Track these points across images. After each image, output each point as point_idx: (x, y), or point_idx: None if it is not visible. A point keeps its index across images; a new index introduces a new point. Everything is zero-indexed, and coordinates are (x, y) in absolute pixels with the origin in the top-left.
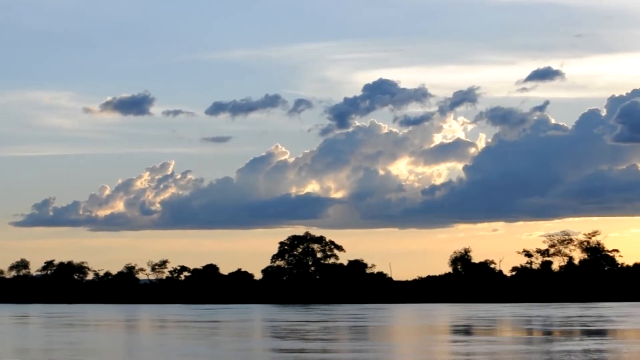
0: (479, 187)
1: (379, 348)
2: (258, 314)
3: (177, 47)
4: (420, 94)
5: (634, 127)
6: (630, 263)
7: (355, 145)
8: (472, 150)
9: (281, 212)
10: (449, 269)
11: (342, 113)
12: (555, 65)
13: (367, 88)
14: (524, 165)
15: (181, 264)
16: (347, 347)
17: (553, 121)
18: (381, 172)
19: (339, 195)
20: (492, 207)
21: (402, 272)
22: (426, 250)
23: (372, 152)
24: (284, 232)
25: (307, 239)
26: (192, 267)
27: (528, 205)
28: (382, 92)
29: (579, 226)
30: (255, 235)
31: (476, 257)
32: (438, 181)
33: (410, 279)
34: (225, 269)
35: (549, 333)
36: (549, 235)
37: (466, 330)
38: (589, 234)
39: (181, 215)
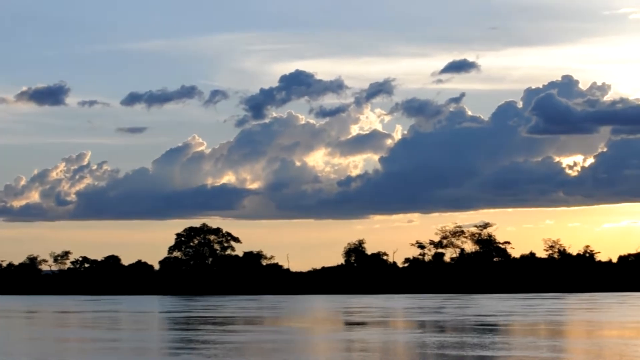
0: (394, 179)
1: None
2: (129, 305)
3: (93, 37)
4: (335, 86)
5: (549, 119)
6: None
7: (272, 137)
8: (389, 141)
9: (197, 203)
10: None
11: (257, 104)
12: (470, 58)
13: (284, 79)
14: (440, 156)
15: (83, 255)
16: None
17: (470, 113)
18: (297, 164)
19: (254, 186)
20: (407, 198)
21: (309, 263)
22: (340, 242)
23: (289, 143)
24: (198, 223)
25: (204, 230)
26: (98, 258)
27: (444, 197)
28: (298, 84)
29: (494, 217)
30: (171, 226)
31: (374, 248)
32: (354, 172)
33: (305, 270)
34: (129, 260)
35: (353, 324)
36: (441, 227)
37: (264, 321)
38: (480, 226)
39: (97, 206)
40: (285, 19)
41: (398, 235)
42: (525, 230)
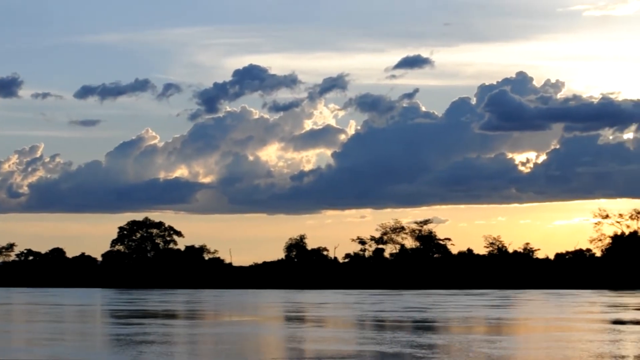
0: (347, 174)
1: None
2: (60, 297)
3: (47, 29)
4: (289, 80)
5: (502, 115)
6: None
7: (225, 131)
8: (342, 136)
9: (150, 197)
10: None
11: (210, 98)
12: (424, 54)
13: (237, 73)
14: (393, 152)
15: (29, 247)
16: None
17: (423, 109)
18: (250, 158)
19: (207, 180)
20: (360, 193)
21: (258, 257)
22: (291, 237)
23: (242, 137)
24: (150, 217)
25: (147, 224)
26: (44, 251)
27: (396, 192)
28: (251, 78)
29: (447, 213)
30: (123, 220)
31: (327, 244)
32: (307, 167)
33: (247, 264)
34: (74, 253)
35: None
36: (382, 224)
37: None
38: (421, 222)
39: (49, 198)
40: (240, 13)
41: (350, 231)
42: (477, 227)
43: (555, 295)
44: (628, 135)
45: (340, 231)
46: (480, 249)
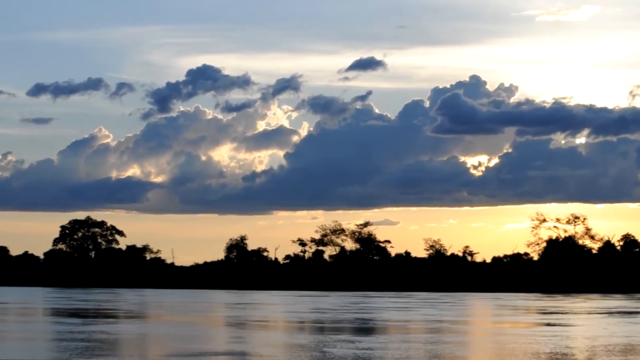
0: (299, 175)
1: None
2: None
3: None
4: (242, 81)
5: (455, 119)
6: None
7: (178, 131)
8: (295, 138)
9: (101, 196)
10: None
11: (163, 97)
12: (378, 56)
13: (190, 73)
14: (345, 154)
15: None
16: None
17: (376, 111)
18: (203, 158)
19: (159, 179)
20: (312, 195)
21: (204, 257)
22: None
23: (194, 137)
24: (102, 216)
25: (89, 223)
26: None
27: (348, 194)
28: (205, 78)
29: (398, 216)
30: (73, 218)
31: (266, 245)
32: (259, 168)
33: (188, 264)
34: (19, 251)
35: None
36: (321, 225)
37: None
38: (361, 224)
39: (0, 196)
40: (193, 13)
41: (301, 232)
42: (428, 230)
43: (479, 298)
44: (580, 140)
45: (291, 232)
46: (408, 251)
